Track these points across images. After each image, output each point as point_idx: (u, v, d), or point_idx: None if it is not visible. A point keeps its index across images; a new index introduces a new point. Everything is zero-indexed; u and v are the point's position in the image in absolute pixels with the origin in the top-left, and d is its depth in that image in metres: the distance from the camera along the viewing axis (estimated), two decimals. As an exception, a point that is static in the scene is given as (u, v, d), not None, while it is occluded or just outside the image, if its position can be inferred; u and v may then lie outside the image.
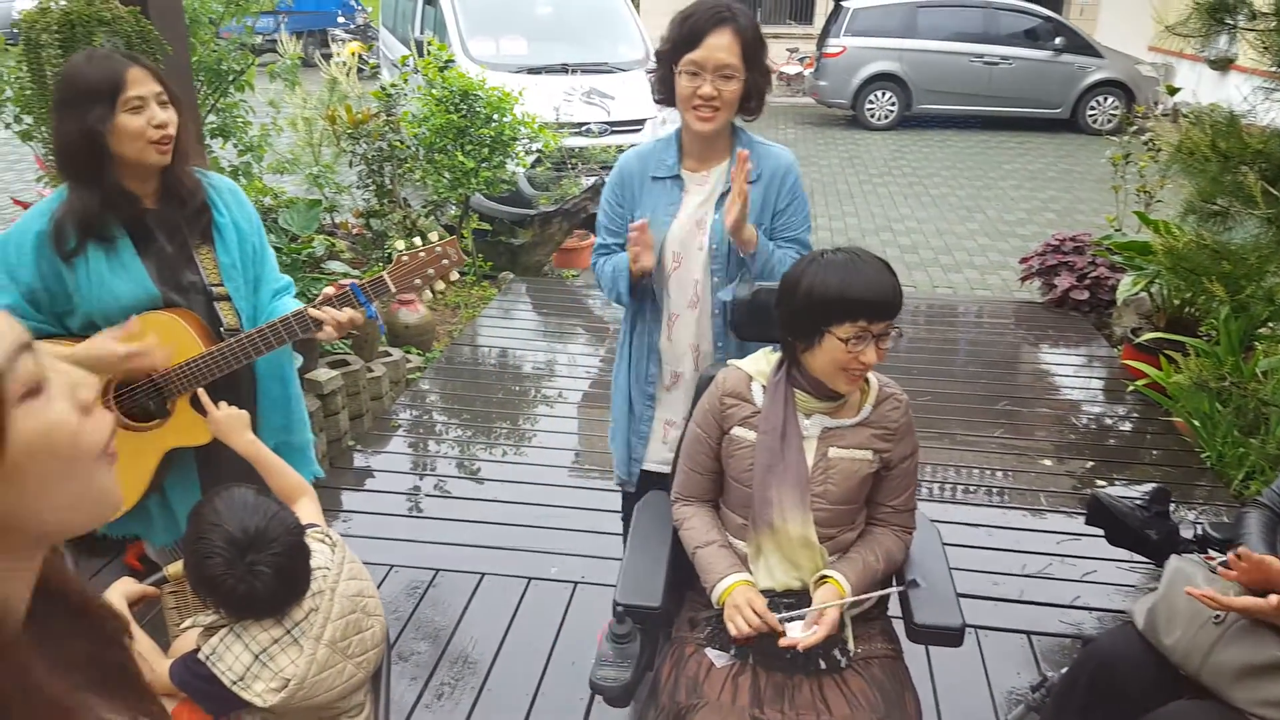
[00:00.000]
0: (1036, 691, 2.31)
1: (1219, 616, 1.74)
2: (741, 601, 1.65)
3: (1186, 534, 2.35)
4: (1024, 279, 5.66)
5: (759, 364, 1.79)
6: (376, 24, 12.06)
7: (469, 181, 5.41)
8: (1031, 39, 11.96)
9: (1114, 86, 11.77)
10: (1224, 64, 9.61)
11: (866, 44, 11.95)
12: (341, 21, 15.55)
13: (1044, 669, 2.56)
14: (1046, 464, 3.74)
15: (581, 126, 6.60)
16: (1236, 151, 2.87)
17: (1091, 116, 11.87)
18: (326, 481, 3.17)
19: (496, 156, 5.51)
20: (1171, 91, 6.32)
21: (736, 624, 1.63)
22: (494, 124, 5.45)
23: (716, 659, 1.67)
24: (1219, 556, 1.83)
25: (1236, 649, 1.70)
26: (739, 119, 2.06)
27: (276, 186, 4.92)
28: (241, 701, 1.37)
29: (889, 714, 1.59)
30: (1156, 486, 2.40)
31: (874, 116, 12.13)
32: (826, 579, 1.69)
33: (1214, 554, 1.93)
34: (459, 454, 3.82)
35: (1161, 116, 6.15)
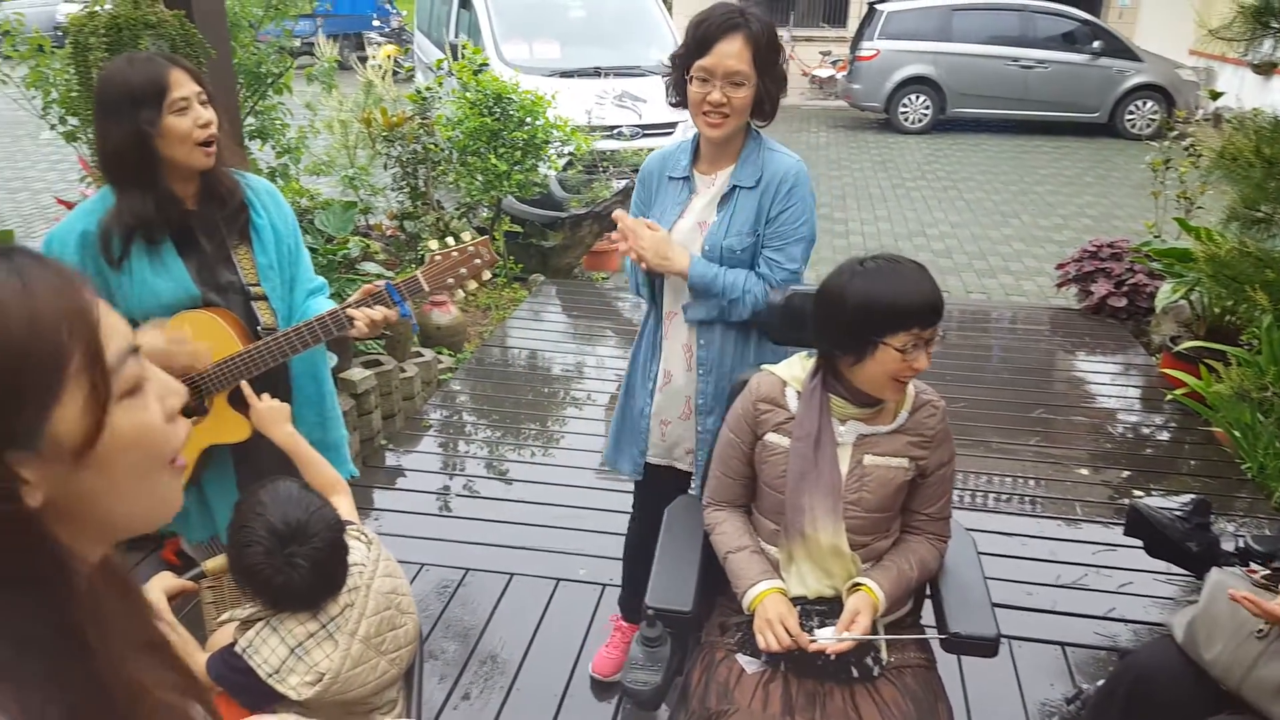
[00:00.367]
0: (1071, 704, 2.28)
1: (1262, 630, 1.70)
2: (774, 616, 1.64)
3: (1228, 546, 2.30)
4: (1060, 285, 5.58)
5: (793, 369, 1.78)
6: (411, 27, 12.18)
7: (501, 184, 5.44)
8: (1069, 42, 11.81)
9: (1153, 90, 11.59)
10: (1268, 68, 9.40)
11: (900, 47, 11.86)
12: (376, 25, 15.71)
13: (1079, 681, 2.52)
14: (1082, 473, 3.69)
15: (613, 130, 6.61)
16: (1282, 157, 2.82)
17: (1130, 121, 11.70)
18: (359, 480, 3.20)
19: (529, 159, 5.53)
20: (1214, 96, 6.21)
21: (766, 638, 1.63)
22: (526, 127, 5.48)
23: (747, 665, 1.66)
24: (1261, 570, 1.79)
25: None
26: (754, 123, 2.05)
27: (313, 188, 4.98)
28: (276, 695, 1.39)
29: (921, 723, 1.57)
30: (1197, 498, 2.36)
31: (907, 120, 12.04)
32: (860, 586, 1.68)
33: (1256, 567, 1.89)
34: (488, 454, 3.85)
35: (1203, 121, 6.05)
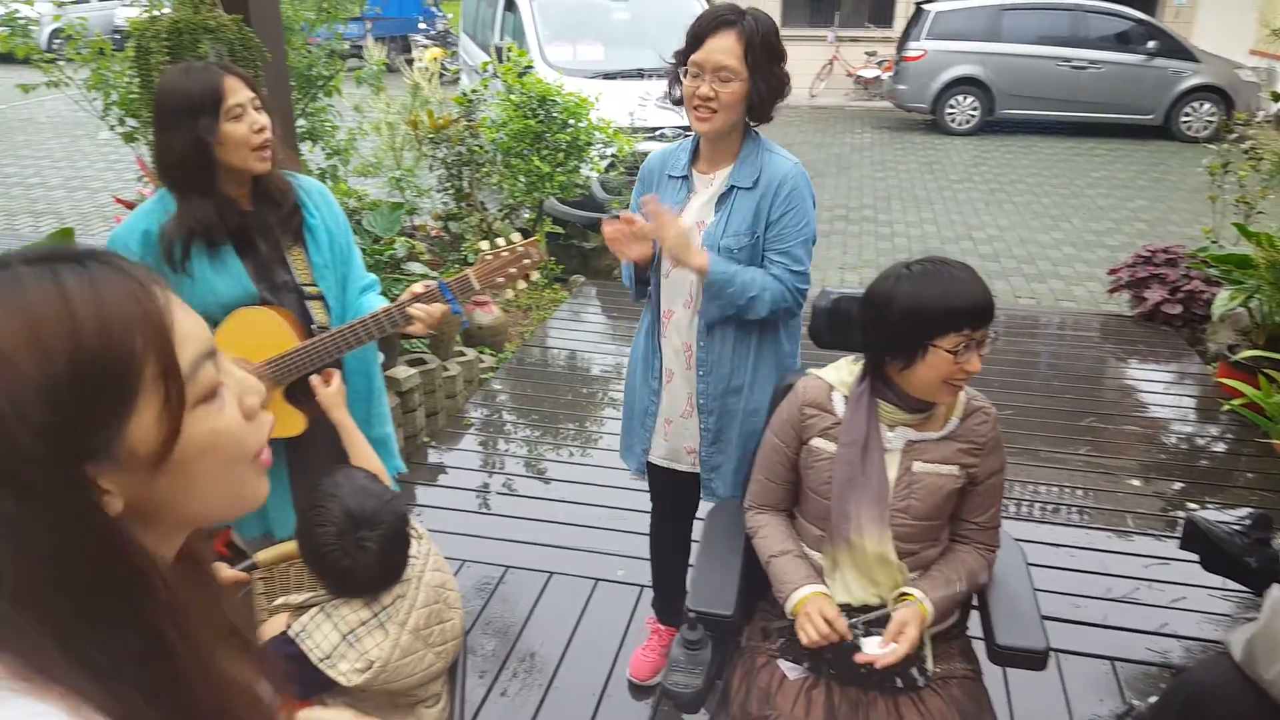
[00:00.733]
0: (1121, 720, 2.23)
1: (1325, 651, 1.65)
2: (813, 610, 1.62)
3: (1288, 562, 2.23)
4: (1112, 291, 5.46)
5: (840, 373, 1.76)
6: (456, 30, 12.29)
7: (544, 185, 5.47)
8: (1123, 42, 11.55)
9: (1211, 92, 11.29)
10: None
11: (948, 47, 11.70)
12: (422, 28, 15.90)
13: (1129, 698, 2.46)
14: (1134, 484, 3.60)
15: (655, 131, 6.60)
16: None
17: (1186, 123, 11.41)
18: (402, 475, 3.25)
19: (571, 161, 5.55)
20: (1275, 98, 6.03)
21: (806, 631, 1.61)
22: (569, 129, 5.50)
23: (790, 671, 1.65)
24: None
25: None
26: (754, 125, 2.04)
27: (360, 189, 5.05)
28: (326, 682, 1.41)
29: (967, 736, 1.55)
30: (1257, 512, 2.29)
31: (954, 121, 11.87)
32: (907, 596, 1.65)
33: (1319, 584, 1.83)
34: (528, 453, 3.87)
35: (1264, 123, 5.88)
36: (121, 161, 8.97)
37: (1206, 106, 11.33)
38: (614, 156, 5.86)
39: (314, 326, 1.91)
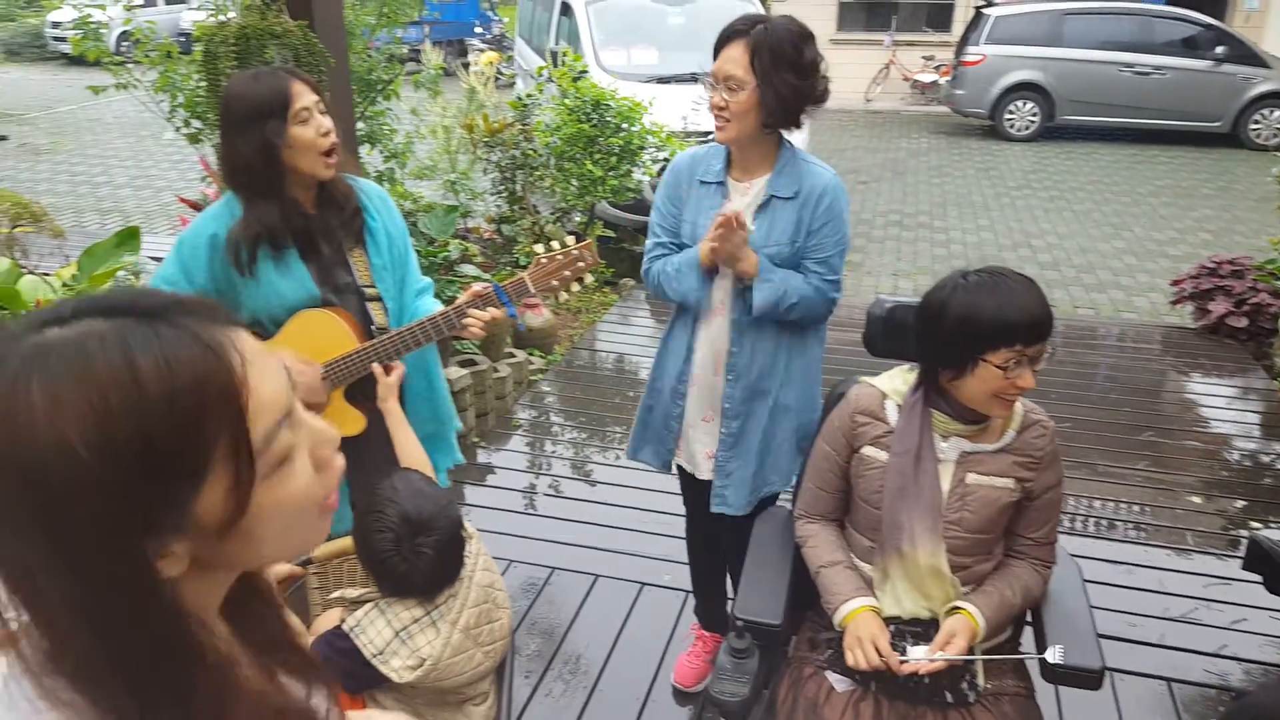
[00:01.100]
0: (1179, 744, 2.17)
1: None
2: (865, 635, 1.61)
3: (1358, 587, 2.15)
4: (1175, 302, 5.32)
5: (894, 382, 1.74)
6: (512, 34, 12.41)
7: (596, 189, 5.50)
8: (1189, 48, 11.23)
9: (1282, 98, 10.95)
10: None
11: (1008, 52, 11.49)
12: (479, 31, 16.08)
13: (1186, 720, 2.39)
14: (1194, 501, 3.50)
15: (708, 136, 6.60)
16: None
17: (1255, 131, 11.06)
18: (451, 474, 3.30)
19: (624, 165, 5.58)
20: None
21: (854, 655, 1.60)
22: (623, 133, 5.53)
23: (838, 683, 1.64)
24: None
25: None
26: (786, 134, 2.03)
27: (416, 192, 5.13)
28: (378, 677, 1.43)
29: (1018, 755, 1.52)
30: (1326, 533, 2.22)
31: (1013, 127, 11.66)
32: (958, 610, 1.63)
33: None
34: (574, 456, 3.89)
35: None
36: (185, 161, 9.22)
37: (1277, 114, 10.97)
38: (666, 160, 5.87)
39: (374, 328, 1.94)
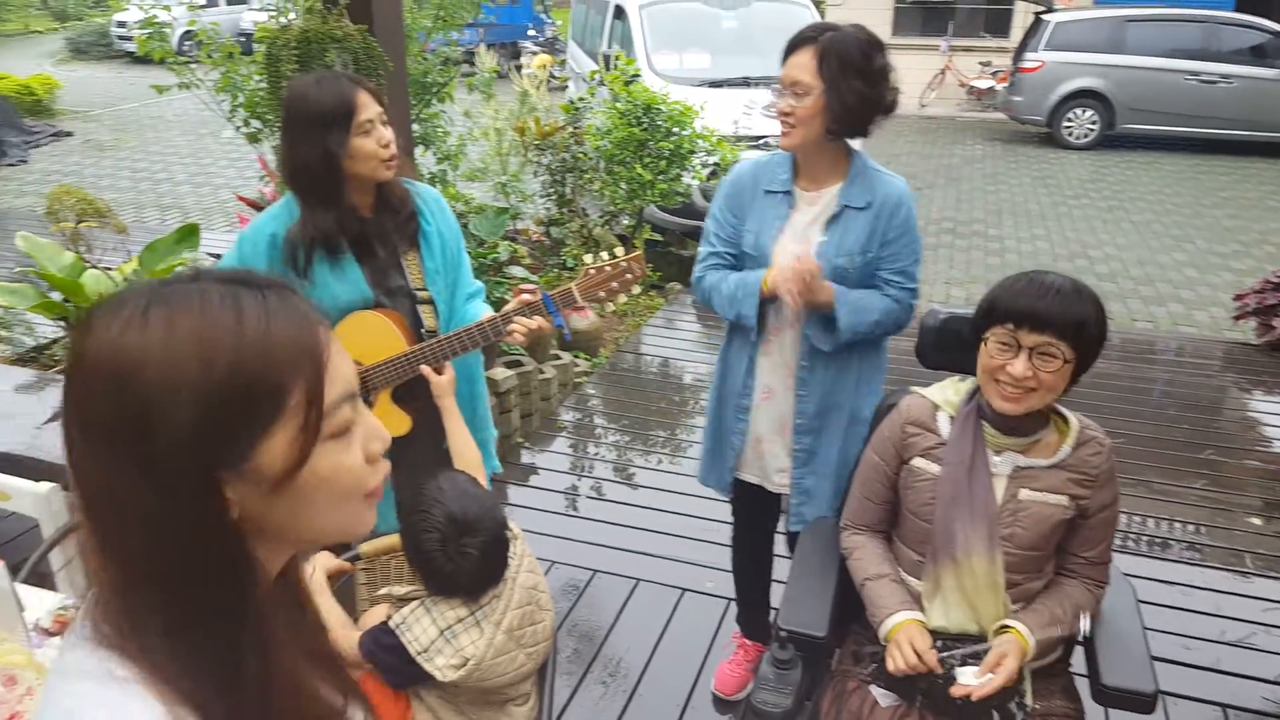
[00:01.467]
0: (1235, 774, 2.10)
1: None
2: (903, 638, 1.59)
3: None
4: (1237, 318, 5.16)
5: (946, 393, 1.72)
6: (565, 37, 12.49)
7: (645, 193, 5.50)
8: (1258, 56, 10.89)
9: (1356, 109, 10.57)
10: None
11: (1068, 59, 11.26)
12: (531, 34, 16.21)
13: (1243, 750, 2.32)
14: (1254, 522, 3.39)
15: (759, 140, 6.57)
16: None
17: (1326, 141, 10.71)
18: (495, 475, 3.33)
19: (673, 169, 5.58)
20: None
21: (894, 659, 1.58)
22: (673, 137, 5.53)
23: (882, 698, 1.61)
24: None
25: None
26: (856, 143, 2.00)
27: (467, 193, 5.18)
28: (422, 675, 1.45)
29: (1067, 779, 1.48)
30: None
31: (1072, 135, 11.42)
32: (1008, 628, 1.60)
33: None
34: (617, 459, 3.89)
35: None
36: (243, 159, 9.43)
37: (1351, 124, 10.61)
38: (716, 165, 5.86)
39: (423, 331, 1.97)
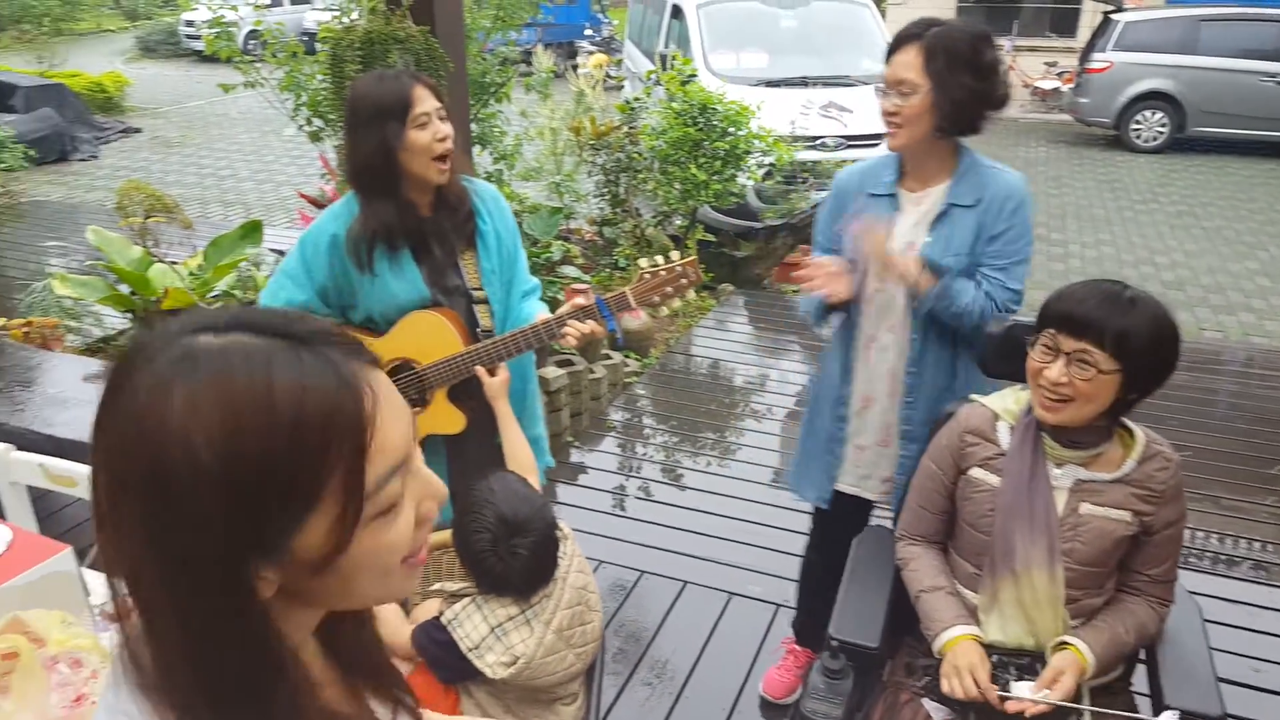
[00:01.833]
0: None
1: None
2: (963, 665, 1.56)
3: None
4: (1313, 328, 4.98)
5: (1006, 401, 1.68)
6: (621, 37, 12.51)
7: (699, 193, 5.48)
8: (1339, 56, 10.50)
9: None
10: None
11: (1137, 59, 10.95)
12: (588, 34, 16.28)
13: (1314, 779, 2.23)
14: (1329, 543, 3.26)
15: (816, 140, 6.51)
16: None
17: None
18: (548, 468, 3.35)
19: (728, 169, 5.55)
20: None
21: (952, 684, 1.55)
22: (729, 137, 5.50)
23: (934, 712, 1.58)
24: None
25: None
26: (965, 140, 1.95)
27: (522, 193, 5.22)
28: (472, 670, 1.46)
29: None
30: None
31: (1140, 138, 11.10)
32: (1067, 645, 1.55)
33: None
34: (666, 460, 3.89)
35: None
36: (304, 157, 9.63)
37: None
38: (772, 165, 5.82)
39: (479, 330, 1.99)
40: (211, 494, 0.55)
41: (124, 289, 4.06)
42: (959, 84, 1.81)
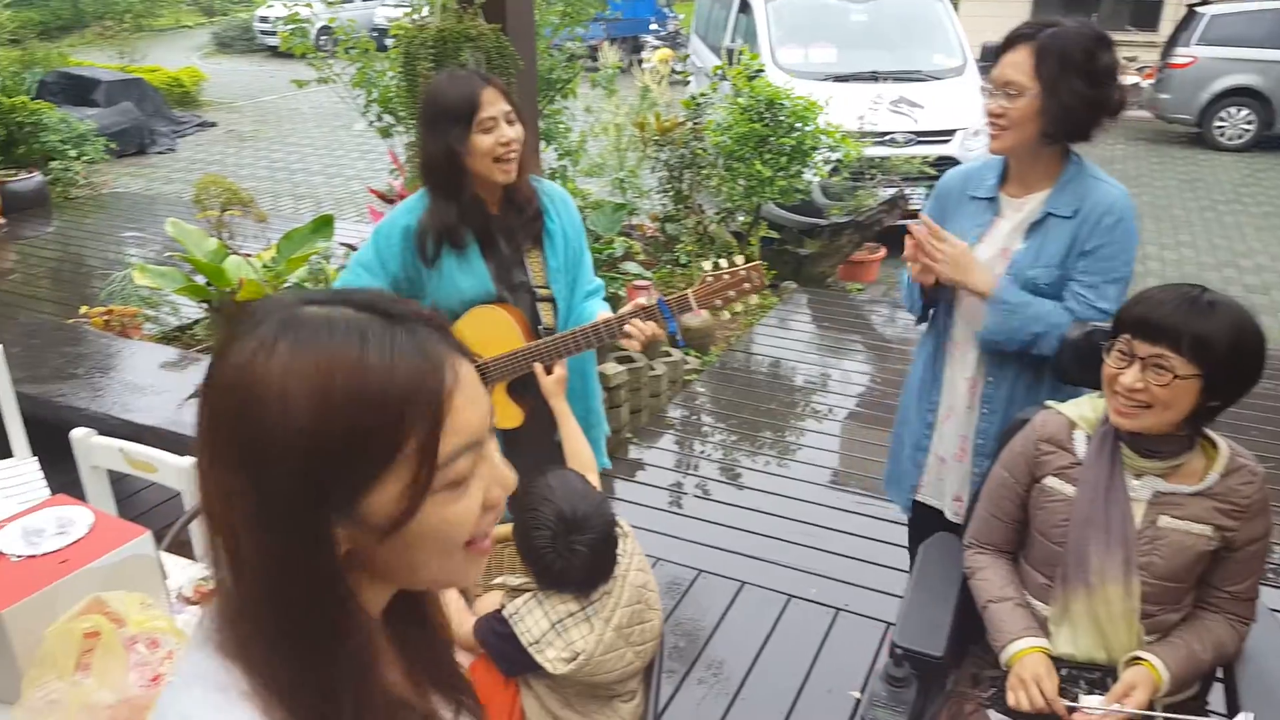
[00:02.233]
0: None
1: None
2: (1029, 676, 1.52)
3: None
4: None
5: (1083, 409, 1.63)
6: (687, 31, 12.46)
7: (763, 190, 5.43)
8: None
9: None
10: None
11: (1223, 54, 10.52)
12: (654, 28, 16.26)
13: (1404, 812, 2.11)
14: None
15: (885, 136, 6.40)
16: None
17: None
18: (604, 471, 3.36)
19: (794, 165, 5.48)
20: None
21: (1019, 697, 1.51)
22: (796, 133, 5.43)
23: (1000, 724, 1.55)
24: None
25: None
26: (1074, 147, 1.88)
27: (585, 189, 5.23)
28: (532, 664, 1.48)
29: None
30: None
31: (1224, 135, 10.67)
32: (1140, 660, 1.50)
33: None
34: (724, 458, 3.87)
35: None
36: (373, 153, 9.79)
37: None
38: (839, 161, 5.74)
39: (541, 327, 2.00)
40: (298, 443, 0.60)
41: (200, 280, 4.18)
42: (1070, 89, 1.74)
